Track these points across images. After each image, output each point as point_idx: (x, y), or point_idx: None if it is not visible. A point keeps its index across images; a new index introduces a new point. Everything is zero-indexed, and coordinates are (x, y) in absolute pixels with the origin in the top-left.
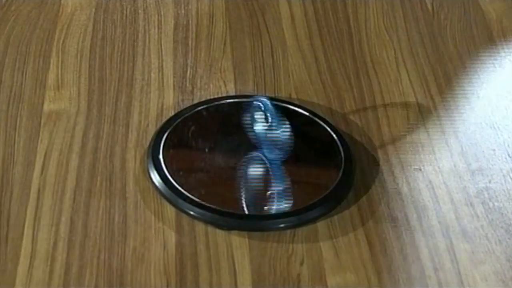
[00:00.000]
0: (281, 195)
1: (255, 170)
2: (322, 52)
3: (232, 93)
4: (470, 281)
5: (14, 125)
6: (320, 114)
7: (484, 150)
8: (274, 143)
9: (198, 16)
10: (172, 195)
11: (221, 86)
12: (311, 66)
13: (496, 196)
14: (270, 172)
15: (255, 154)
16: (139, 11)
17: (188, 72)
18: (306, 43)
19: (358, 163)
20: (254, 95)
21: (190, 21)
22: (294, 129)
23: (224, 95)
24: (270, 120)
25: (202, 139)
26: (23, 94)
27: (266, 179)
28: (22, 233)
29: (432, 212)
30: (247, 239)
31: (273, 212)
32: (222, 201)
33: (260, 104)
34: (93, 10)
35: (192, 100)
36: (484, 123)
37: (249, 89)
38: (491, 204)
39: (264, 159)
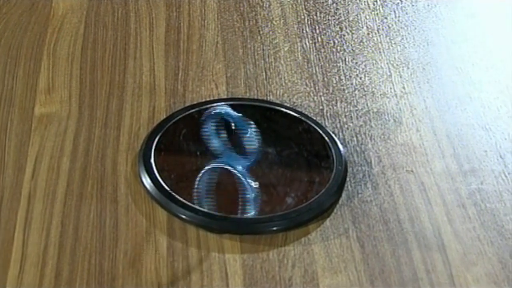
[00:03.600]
0: (250, 202)
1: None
2: (314, 53)
3: (224, 95)
4: (462, 282)
5: (4, 128)
6: (312, 116)
7: (476, 151)
8: (238, 150)
9: (189, 18)
10: (163, 198)
11: (212, 89)
12: (302, 68)
13: (488, 198)
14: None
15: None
16: (131, 13)
17: (180, 74)
18: (298, 45)
19: (350, 165)
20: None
21: (182, 24)
22: (286, 131)
23: (216, 97)
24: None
25: (193, 142)
26: (14, 97)
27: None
28: (13, 237)
29: (424, 214)
30: (238, 242)
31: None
32: (213, 204)
33: (221, 111)
34: (85, 13)
35: (184, 103)
36: (476, 124)
37: (241, 92)
38: (483, 206)
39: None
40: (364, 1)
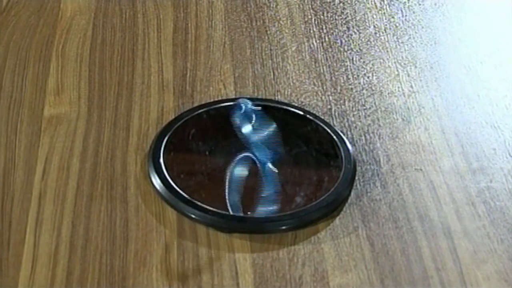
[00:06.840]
0: (270, 198)
1: (245, 172)
2: (321, 53)
3: (232, 95)
4: (473, 280)
5: (14, 130)
6: (320, 115)
7: (485, 149)
8: (261, 144)
9: (197, 19)
10: (173, 198)
11: (221, 89)
12: (310, 67)
13: (498, 195)
14: (261, 174)
15: (245, 155)
16: (138, 15)
17: (188, 75)
18: (305, 44)
19: (359, 164)
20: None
21: (189, 24)
22: (294, 131)
23: (224, 97)
24: (253, 121)
25: (202, 142)
26: (23, 99)
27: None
28: (24, 238)
29: (433, 212)
30: (248, 242)
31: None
32: (223, 203)
33: (242, 106)
34: (92, 14)
35: (192, 103)
36: (485, 122)
37: (249, 92)
38: (492, 204)
39: (256, 160)
40: (371, 1)
